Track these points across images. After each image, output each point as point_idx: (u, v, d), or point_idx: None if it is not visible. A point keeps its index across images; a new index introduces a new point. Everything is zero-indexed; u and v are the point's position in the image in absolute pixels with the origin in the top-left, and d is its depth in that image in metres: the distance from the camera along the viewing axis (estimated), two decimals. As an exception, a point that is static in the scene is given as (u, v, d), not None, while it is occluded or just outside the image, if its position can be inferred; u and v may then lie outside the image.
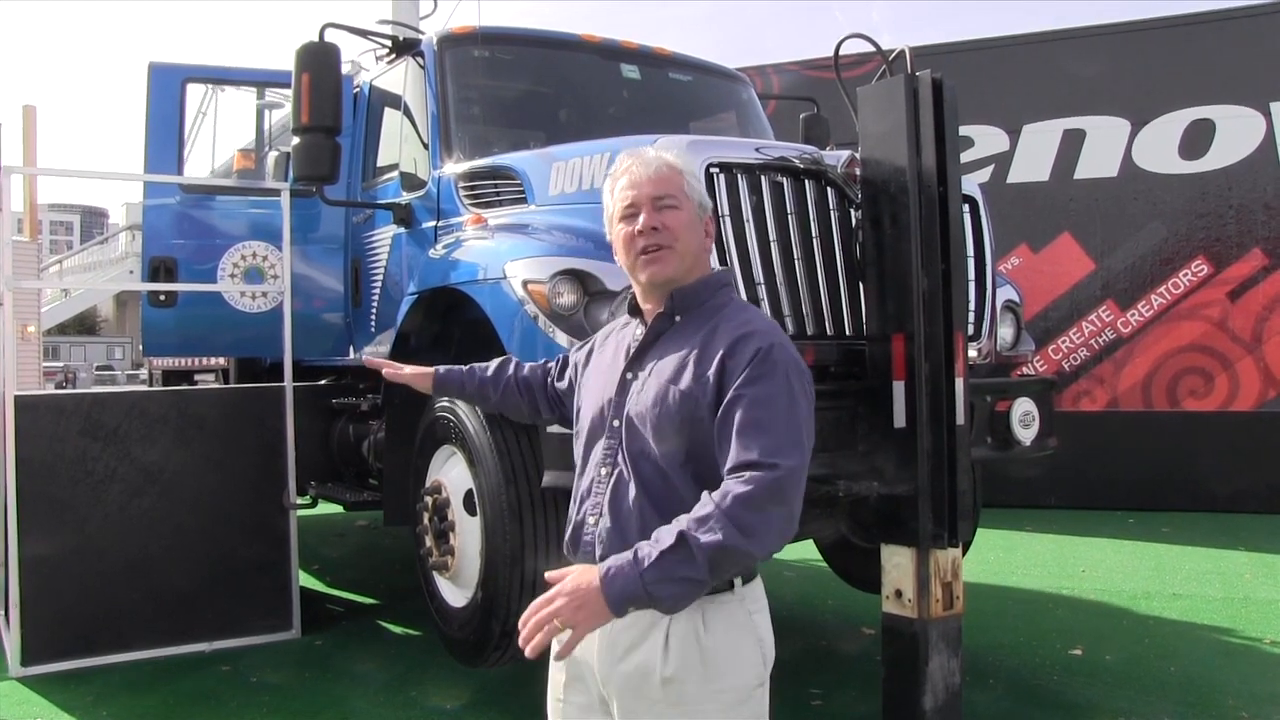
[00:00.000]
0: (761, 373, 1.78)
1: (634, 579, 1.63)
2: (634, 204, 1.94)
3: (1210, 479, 8.36)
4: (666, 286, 1.94)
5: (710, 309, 1.94)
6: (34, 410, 4.62)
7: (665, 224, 1.92)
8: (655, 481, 1.84)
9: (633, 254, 1.94)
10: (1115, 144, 8.83)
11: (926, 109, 3.43)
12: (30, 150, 16.20)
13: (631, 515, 1.83)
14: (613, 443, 1.90)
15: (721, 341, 1.84)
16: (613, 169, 2.02)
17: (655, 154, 1.99)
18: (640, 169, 1.96)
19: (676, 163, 1.98)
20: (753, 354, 1.80)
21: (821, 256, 3.76)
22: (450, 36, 5.06)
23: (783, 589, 5.96)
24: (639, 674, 1.81)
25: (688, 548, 1.64)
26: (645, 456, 1.85)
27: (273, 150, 7.42)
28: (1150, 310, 8.76)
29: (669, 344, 1.92)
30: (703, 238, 1.98)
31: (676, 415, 1.82)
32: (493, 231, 4.22)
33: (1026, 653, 4.79)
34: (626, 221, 1.95)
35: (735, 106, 5.83)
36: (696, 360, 1.84)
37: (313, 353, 5.69)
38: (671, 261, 1.92)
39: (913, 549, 3.38)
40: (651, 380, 1.88)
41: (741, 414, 1.75)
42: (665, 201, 1.93)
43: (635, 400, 1.89)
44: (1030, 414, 4.08)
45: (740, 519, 1.65)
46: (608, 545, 1.84)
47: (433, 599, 4.23)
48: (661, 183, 1.94)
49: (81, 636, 4.61)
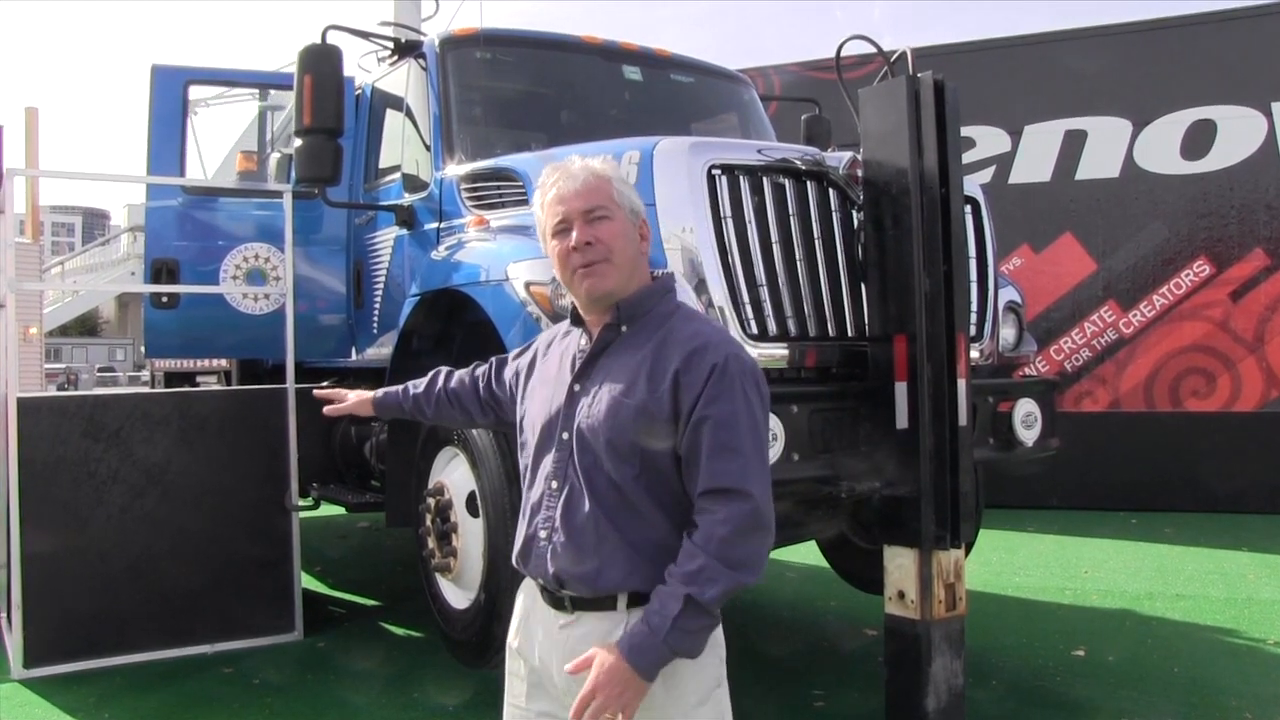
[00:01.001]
0: (720, 390, 1.79)
1: (658, 647, 1.71)
2: (565, 219, 1.89)
3: (1213, 479, 8.34)
4: (607, 300, 1.91)
5: (657, 317, 1.92)
6: (36, 412, 4.63)
7: (599, 237, 1.87)
8: (609, 494, 1.83)
9: (569, 270, 1.90)
10: (1117, 144, 8.82)
11: (928, 110, 3.44)
12: (33, 152, 16.23)
13: (586, 529, 1.83)
14: (562, 455, 1.89)
15: (675, 354, 1.83)
16: (540, 181, 1.97)
17: (581, 164, 1.94)
18: (567, 183, 1.91)
19: (604, 170, 1.93)
20: (709, 370, 1.80)
21: (823, 257, 3.76)
22: (452, 38, 5.06)
23: (784, 590, 5.95)
24: None
25: (695, 604, 1.71)
26: (598, 469, 1.84)
27: (275, 152, 7.42)
28: (1152, 311, 8.75)
29: (618, 356, 1.90)
30: (638, 244, 1.94)
31: (630, 428, 1.81)
32: (495, 233, 4.23)
33: (1029, 653, 4.79)
34: (559, 238, 1.91)
35: (737, 108, 5.84)
36: (650, 374, 1.83)
37: (315, 354, 5.69)
38: (610, 275, 1.88)
39: (915, 550, 3.39)
40: (603, 393, 1.86)
41: (709, 437, 1.77)
42: (596, 213, 1.88)
43: (586, 413, 1.86)
44: (1032, 415, 4.08)
45: (730, 559, 1.73)
46: (561, 559, 1.84)
47: (435, 600, 4.23)
48: (590, 194, 1.89)
49: (84, 638, 4.61)
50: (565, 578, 1.84)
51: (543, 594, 1.93)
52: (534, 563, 1.91)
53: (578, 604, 1.86)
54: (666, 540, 1.82)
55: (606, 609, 1.83)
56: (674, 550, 1.80)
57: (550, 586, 1.89)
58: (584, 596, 1.84)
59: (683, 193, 3.59)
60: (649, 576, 1.80)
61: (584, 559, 1.82)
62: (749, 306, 3.60)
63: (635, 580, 1.81)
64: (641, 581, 1.81)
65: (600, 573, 1.81)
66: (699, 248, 3.54)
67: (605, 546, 1.80)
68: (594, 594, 1.83)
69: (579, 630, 1.85)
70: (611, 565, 1.81)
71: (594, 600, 1.84)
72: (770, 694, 4.10)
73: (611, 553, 1.81)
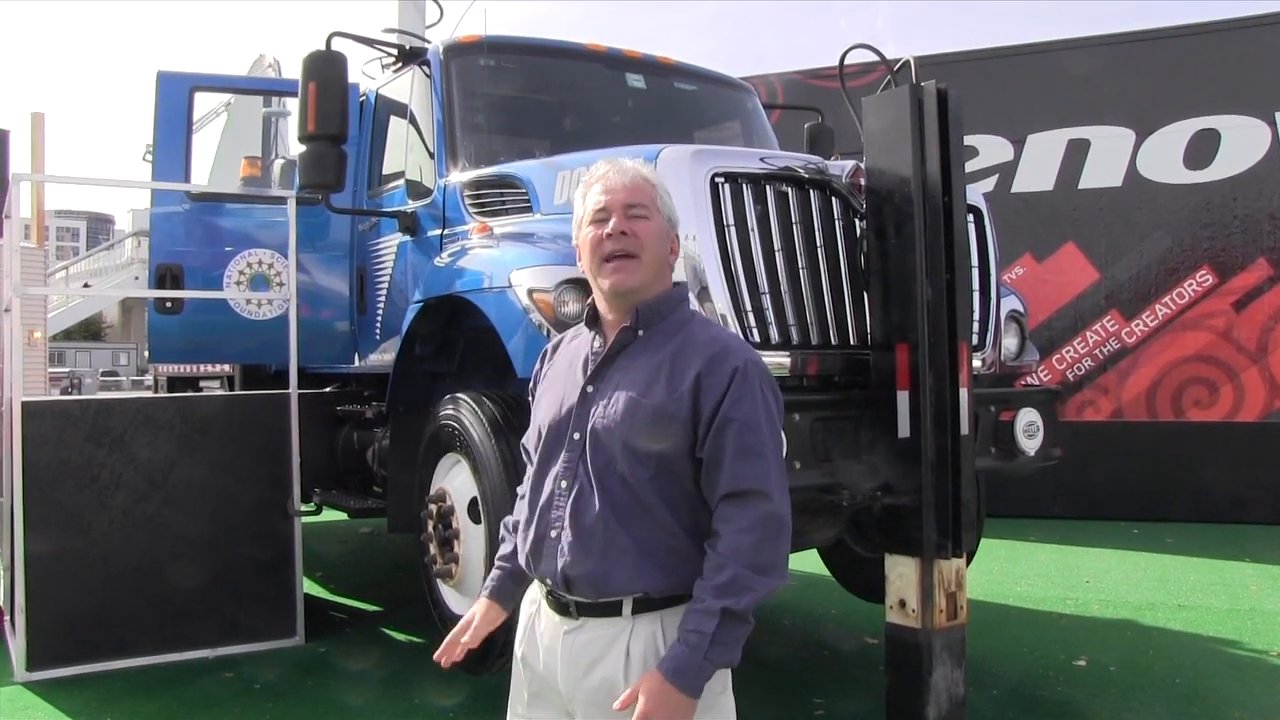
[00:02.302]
0: (743, 393, 1.82)
1: (700, 664, 1.72)
2: (606, 208, 1.92)
3: (1215, 489, 8.33)
4: (628, 297, 1.92)
5: (674, 323, 1.94)
6: (41, 416, 4.65)
7: (635, 231, 1.90)
8: (621, 495, 1.84)
9: (598, 258, 1.92)
10: (1120, 154, 8.83)
11: (931, 119, 3.45)
12: (38, 157, 16.27)
13: (595, 529, 1.83)
14: (573, 455, 1.89)
15: (695, 358, 1.85)
16: (587, 175, 2.01)
17: (632, 164, 1.98)
18: (616, 176, 1.95)
19: (652, 177, 1.97)
20: (731, 373, 1.83)
21: (826, 266, 3.77)
22: (456, 46, 5.08)
23: (785, 598, 5.94)
24: (604, 689, 1.82)
25: (733, 615, 1.73)
26: (611, 470, 1.84)
27: (279, 158, 7.44)
28: (1155, 320, 8.75)
29: (634, 358, 1.91)
30: (668, 252, 1.97)
31: (648, 429, 1.82)
32: (498, 240, 4.24)
33: (1030, 663, 4.78)
34: (596, 225, 1.93)
35: (740, 116, 5.85)
36: (669, 376, 1.85)
37: (318, 360, 5.70)
38: (637, 272, 1.90)
39: (916, 559, 3.39)
40: (619, 394, 1.87)
41: (734, 439, 1.80)
42: (637, 210, 1.92)
43: (601, 414, 1.87)
44: (1034, 424, 4.08)
45: (759, 564, 1.76)
46: (570, 559, 1.84)
47: (436, 606, 4.23)
48: (635, 191, 1.93)
49: (86, 642, 4.62)
50: (573, 577, 1.84)
51: (548, 599, 1.93)
52: (544, 562, 1.90)
53: (583, 610, 1.86)
54: (675, 543, 1.83)
55: (612, 615, 1.83)
56: (681, 553, 1.81)
57: (557, 590, 1.89)
58: (590, 602, 1.84)
59: (685, 201, 3.59)
60: (656, 579, 1.81)
61: (591, 559, 1.82)
62: (751, 314, 3.61)
63: (642, 583, 1.81)
64: (648, 584, 1.81)
65: (609, 575, 1.81)
66: (702, 256, 3.55)
67: (614, 547, 1.81)
68: (601, 598, 1.83)
69: (584, 636, 1.85)
70: (619, 567, 1.81)
71: (600, 606, 1.84)
72: (770, 702, 4.10)
73: (620, 554, 1.81)
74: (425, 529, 4.20)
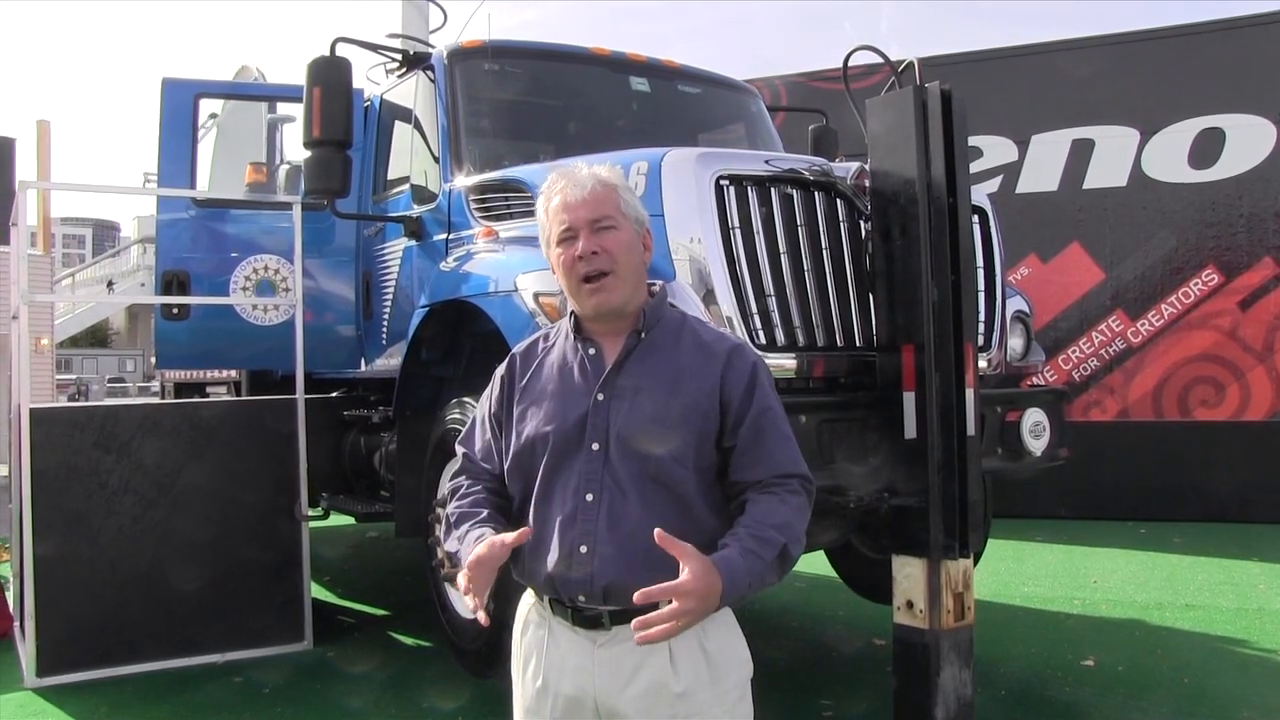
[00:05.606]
0: (765, 384, 1.92)
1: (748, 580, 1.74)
2: (571, 227, 1.87)
3: (1222, 489, 8.31)
4: (616, 314, 1.90)
5: (670, 322, 1.96)
6: (48, 423, 4.66)
7: (605, 247, 1.86)
8: (658, 498, 1.81)
9: (574, 280, 1.88)
10: (1124, 153, 8.82)
11: (935, 120, 3.45)
12: (44, 165, 16.34)
13: (636, 536, 1.77)
14: (594, 466, 1.84)
15: (713, 354, 1.90)
16: (545, 186, 1.95)
17: (588, 172, 1.92)
18: (573, 190, 1.89)
19: (611, 179, 1.92)
20: (751, 367, 1.91)
21: (831, 268, 3.77)
22: (460, 50, 5.09)
23: (793, 600, 5.94)
24: (651, 692, 1.79)
25: (786, 558, 1.80)
26: (643, 475, 1.82)
27: (284, 164, 7.45)
28: (1160, 320, 8.73)
29: (644, 361, 1.90)
30: (642, 255, 1.94)
31: (681, 426, 1.83)
32: (504, 244, 4.25)
33: (1038, 663, 4.78)
34: (564, 246, 1.89)
35: (744, 118, 5.85)
36: (692, 373, 1.87)
37: (324, 365, 5.71)
38: (617, 289, 1.88)
39: (924, 560, 3.38)
40: (642, 397, 1.85)
41: (772, 427, 1.89)
42: (603, 223, 1.87)
43: (625, 419, 1.84)
44: (1041, 424, 4.08)
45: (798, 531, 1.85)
46: (610, 570, 1.79)
47: (444, 611, 4.24)
48: (597, 204, 1.87)
49: (95, 647, 4.63)
50: (615, 589, 1.77)
51: (572, 617, 1.85)
52: (575, 578, 1.81)
53: (617, 618, 1.79)
54: (711, 537, 1.80)
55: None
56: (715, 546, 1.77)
57: (588, 604, 1.82)
58: (628, 609, 1.73)
59: (690, 203, 3.61)
60: None
61: (636, 567, 1.75)
62: (757, 317, 3.61)
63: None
64: None
65: (654, 581, 1.70)
66: (707, 258, 3.55)
67: (656, 550, 1.71)
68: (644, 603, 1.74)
69: (621, 646, 1.79)
70: (664, 570, 1.71)
71: (638, 611, 1.71)
72: (778, 704, 4.08)
73: (663, 556, 1.71)
74: (432, 533, 4.21)
